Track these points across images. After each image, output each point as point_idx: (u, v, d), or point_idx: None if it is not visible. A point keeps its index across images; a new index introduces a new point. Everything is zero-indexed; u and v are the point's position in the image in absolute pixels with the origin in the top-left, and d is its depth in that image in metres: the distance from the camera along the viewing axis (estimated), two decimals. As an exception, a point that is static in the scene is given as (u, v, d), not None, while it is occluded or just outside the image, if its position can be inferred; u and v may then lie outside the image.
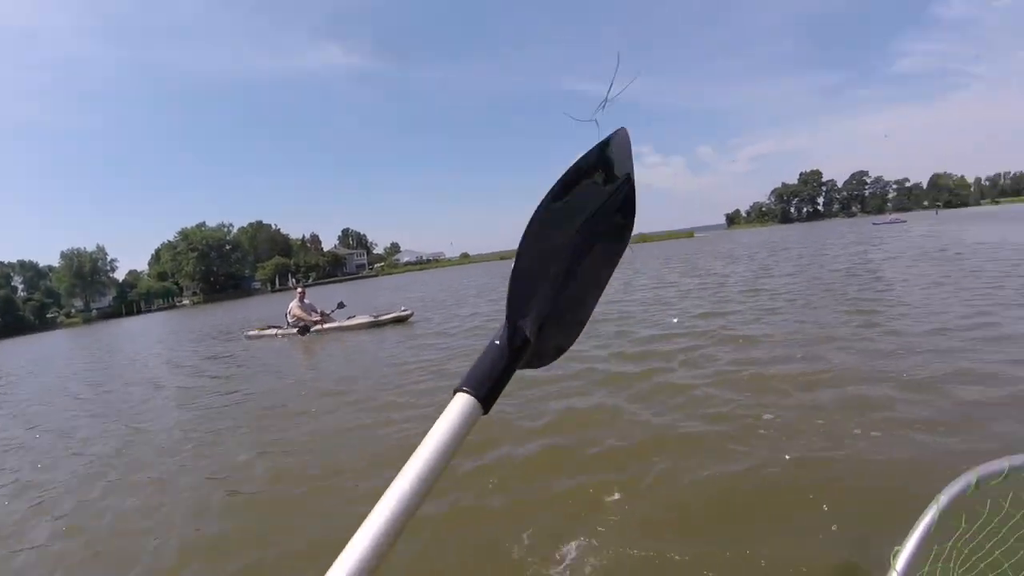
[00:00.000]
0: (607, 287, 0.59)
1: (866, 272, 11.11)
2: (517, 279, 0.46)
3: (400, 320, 11.46)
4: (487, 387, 0.43)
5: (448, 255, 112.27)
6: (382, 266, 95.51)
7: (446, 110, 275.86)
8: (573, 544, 2.29)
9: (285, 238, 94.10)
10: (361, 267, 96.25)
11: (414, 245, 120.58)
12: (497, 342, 0.46)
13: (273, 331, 12.19)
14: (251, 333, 12.86)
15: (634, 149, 0.58)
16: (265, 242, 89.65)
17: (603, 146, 0.54)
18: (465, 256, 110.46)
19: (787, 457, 2.89)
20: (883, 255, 14.78)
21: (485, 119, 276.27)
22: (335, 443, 4.15)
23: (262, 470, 3.78)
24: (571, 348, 0.56)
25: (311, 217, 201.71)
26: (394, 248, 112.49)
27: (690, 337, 6.26)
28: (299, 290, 12.38)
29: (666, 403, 4.02)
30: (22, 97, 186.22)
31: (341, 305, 12.10)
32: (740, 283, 11.54)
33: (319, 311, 11.93)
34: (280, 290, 73.28)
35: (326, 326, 11.56)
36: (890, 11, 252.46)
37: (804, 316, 6.89)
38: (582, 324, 0.57)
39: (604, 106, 0.57)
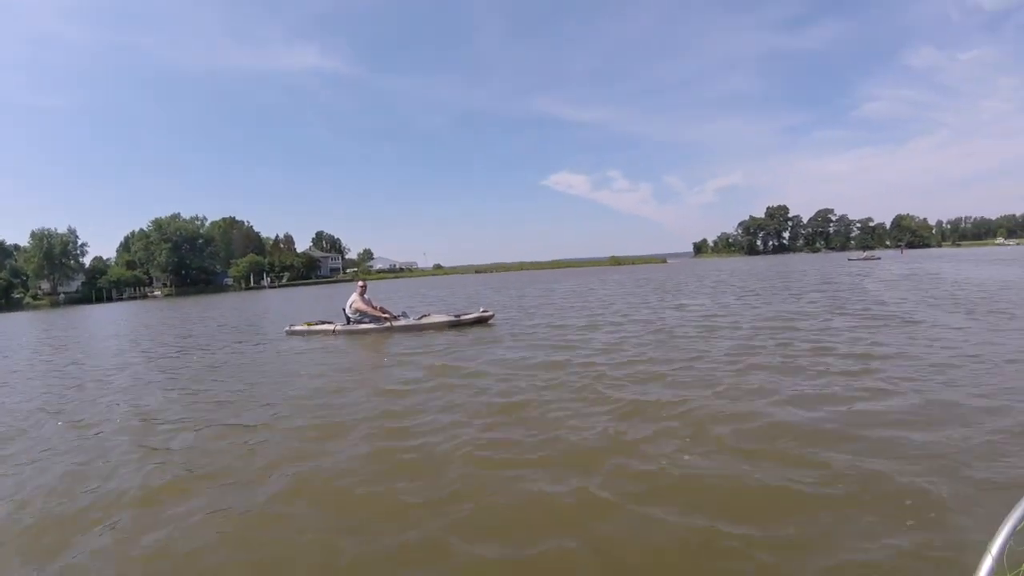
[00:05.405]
0: None
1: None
2: None
3: (481, 321, 10.85)
4: None
5: (420, 265, 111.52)
6: (356, 271, 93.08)
7: (415, 122, 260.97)
8: None
9: (258, 236, 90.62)
10: (335, 271, 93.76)
11: (385, 253, 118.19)
12: None
13: (329, 327, 11.14)
14: (296, 328, 11.62)
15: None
16: (238, 239, 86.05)
17: None
18: (439, 267, 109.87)
19: None
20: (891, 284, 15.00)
21: (453, 135, 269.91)
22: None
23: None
24: None
25: (282, 218, 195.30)
26: (367, 254, 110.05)
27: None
28: (360, 283, 11.39)
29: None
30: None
31: (404, 314, 11.20)
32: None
33: (382, 308, 11.05)
34: (253, 288, 70.26)
35: (397, 323, 10.68)
36: (858, 56, 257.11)
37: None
38: None
39: None
